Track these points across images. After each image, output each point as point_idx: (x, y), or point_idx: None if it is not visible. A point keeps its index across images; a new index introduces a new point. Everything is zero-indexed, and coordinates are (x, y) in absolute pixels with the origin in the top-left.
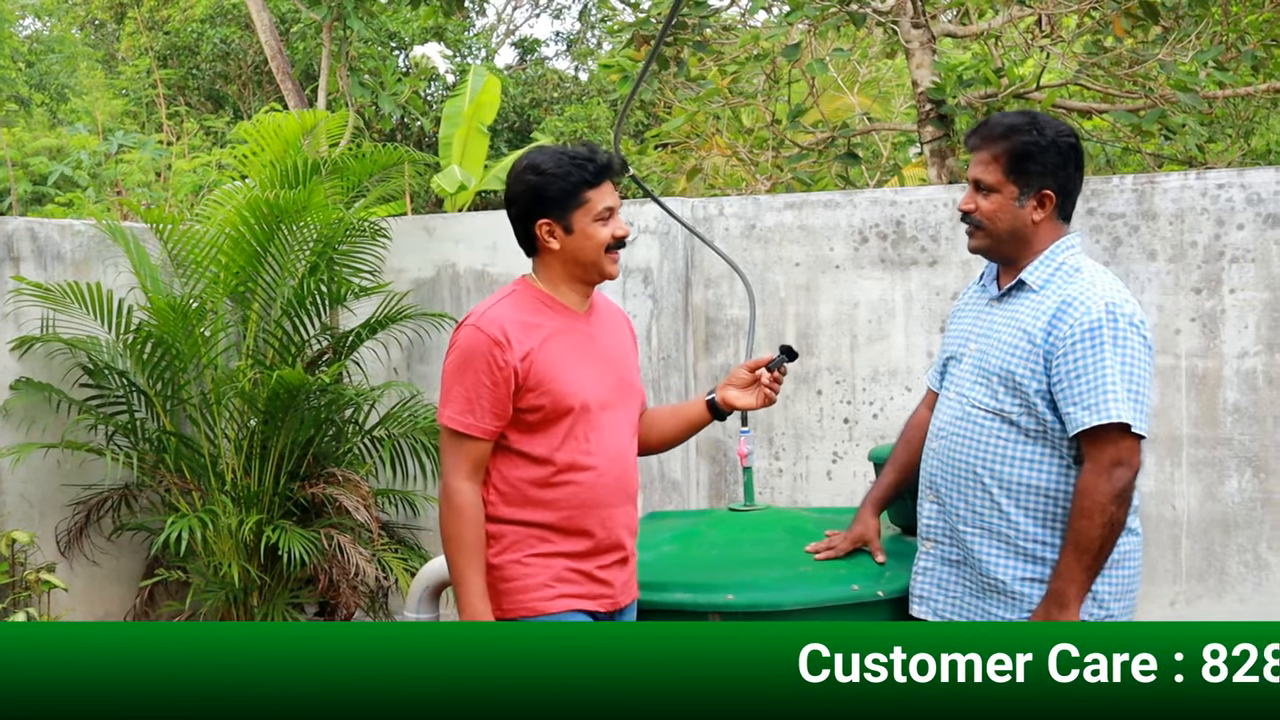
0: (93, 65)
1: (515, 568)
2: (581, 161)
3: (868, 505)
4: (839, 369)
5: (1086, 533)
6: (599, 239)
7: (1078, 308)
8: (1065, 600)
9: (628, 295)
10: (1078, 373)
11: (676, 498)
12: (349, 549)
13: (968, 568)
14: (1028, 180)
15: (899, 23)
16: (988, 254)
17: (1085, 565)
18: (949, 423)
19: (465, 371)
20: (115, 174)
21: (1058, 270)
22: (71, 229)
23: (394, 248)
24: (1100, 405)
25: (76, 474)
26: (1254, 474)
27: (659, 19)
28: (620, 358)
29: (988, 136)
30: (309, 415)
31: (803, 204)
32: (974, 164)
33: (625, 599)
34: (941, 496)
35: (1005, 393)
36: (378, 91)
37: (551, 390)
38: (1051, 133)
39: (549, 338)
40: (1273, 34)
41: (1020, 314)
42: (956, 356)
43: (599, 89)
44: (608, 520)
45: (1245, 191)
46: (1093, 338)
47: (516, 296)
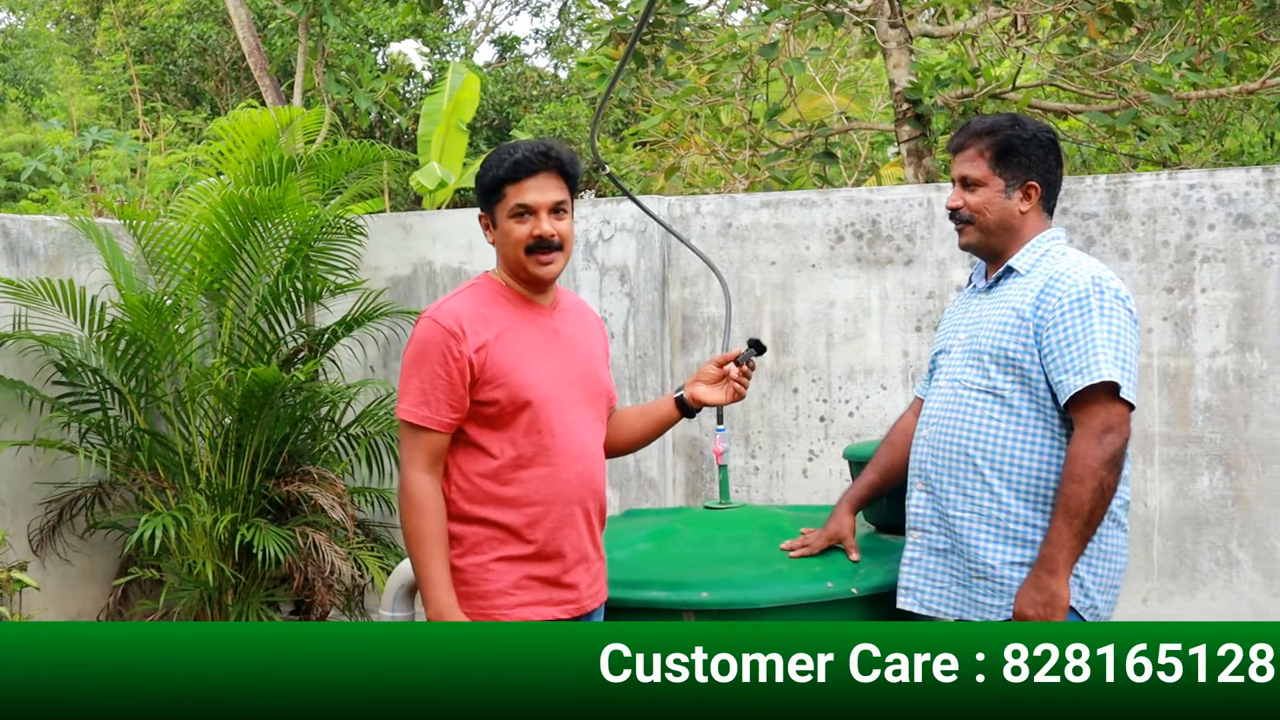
0: (68, 60)
1: (476, 571)
2: (507, 155)
3: (844, 503)
4: (815, 368)
5: (1077, 497)
6: (514, 237)
7: (1064, 281)
8: (1054, 566)
9: (604, 293)
10: (1067, 341)
11: (653, 495)
12: (324, 547)
13: (955, 556)
14: (1013, 173)
15: (876, 23)
16: (978, 249)
17: (1075, 530)
18: (939, 408)
19: (421, 364)
20: (90, 170)
21: (1045, 255)
22: (44, 225)
23: (370, 245)
24: (1089, 368)
25: (49, 472)
26: (1225, 472)
27: (637, 17)
28: (587, 354)
29: (972, 134)
30: (284, 413)
31: (779, 203)
32: (959, 163)
33: (592, 603)
34: (931, 483)
35: (997, 370)
36: (354, 88)
37: (508, 383)
38: (1033, 128)
39: (506, 330)
40: (1245, 36)
41: (1009, 296)
42: (946, 349)
43: (579, 87)
44: (570, 519)
45: (1216, 192)
46: (1080, 307)
47: (476, 290)
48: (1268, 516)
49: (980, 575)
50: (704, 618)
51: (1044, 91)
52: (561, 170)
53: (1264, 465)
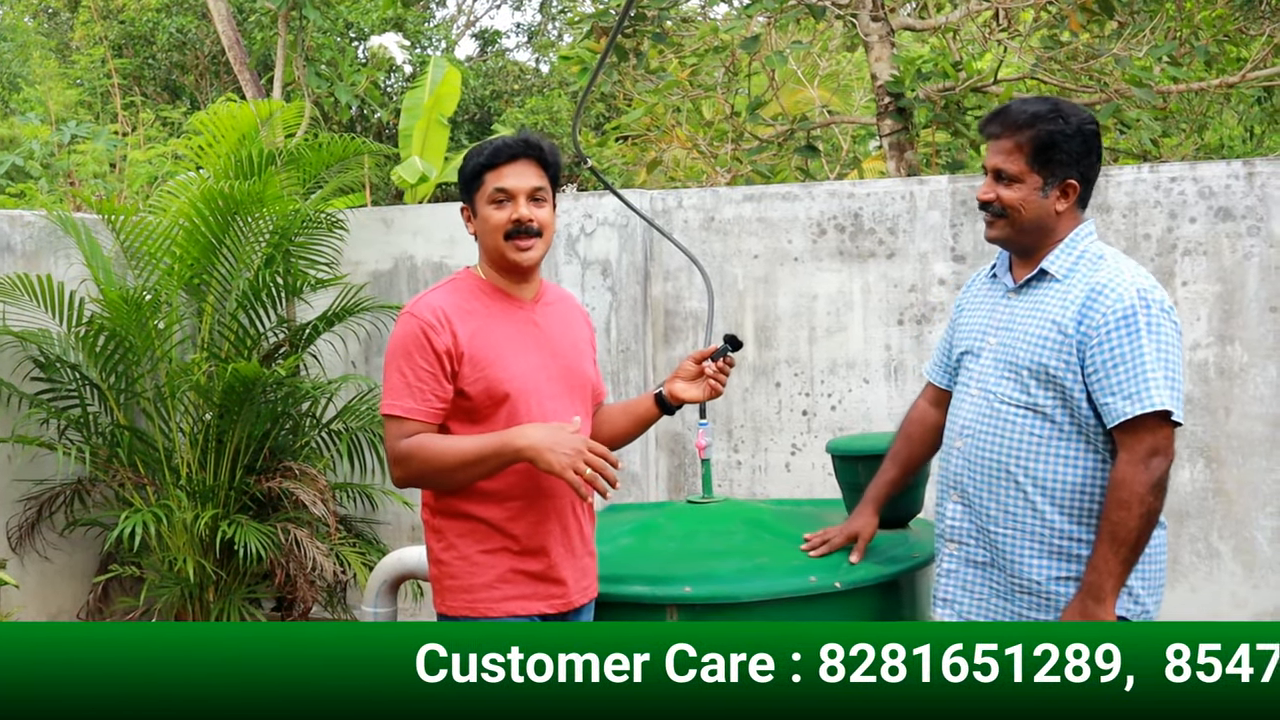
0: (46, 54)
1: (461, 565)
2: (486, 144)
3: (869, 503)
4: (797, 361)
5: (1124, 524)
6: (493, 222)
7: (1109, 295)
8: (1101, 594)
9: (587, 287)
10: (1114, 362)
11: (636, 490)
12: (306, 543)
13: (995, 569)
14: (1052, 170)
15: (858, 16)
16: (1007, 244)
17: (1122, 558)
18: (975, 420)
19: (402, 358)
20: (68, 164)
21: (1080, 258)
22: (22, 220)
23: (351, 240)
24: (1141, 394)
25: (28, 469)
26: (1206, 464)
27: (618, 10)
28: (570, 348)
29: (1010, 124)
30: (265, 409)
31: (761, 196)
32: (993, 152)
33: (581, 598)
34: (969, 496)
35: (1037, 386)
36: (335, 82)
37: (486, 375)
38: (1076, 121)
39: (485, 323)
40: (1225, 30)
41: (1046, 304)
42: (973, 351)
43: (560, 81)
44: (553, 513)
45: (1197, 185)
46: (1127, 325)
47: (456, 284)
48: (1248, 509)
49: (1024, 590)
50: (687, 612)
51: (1025, 85)
52: (540, 159)
53: (1244, 458)
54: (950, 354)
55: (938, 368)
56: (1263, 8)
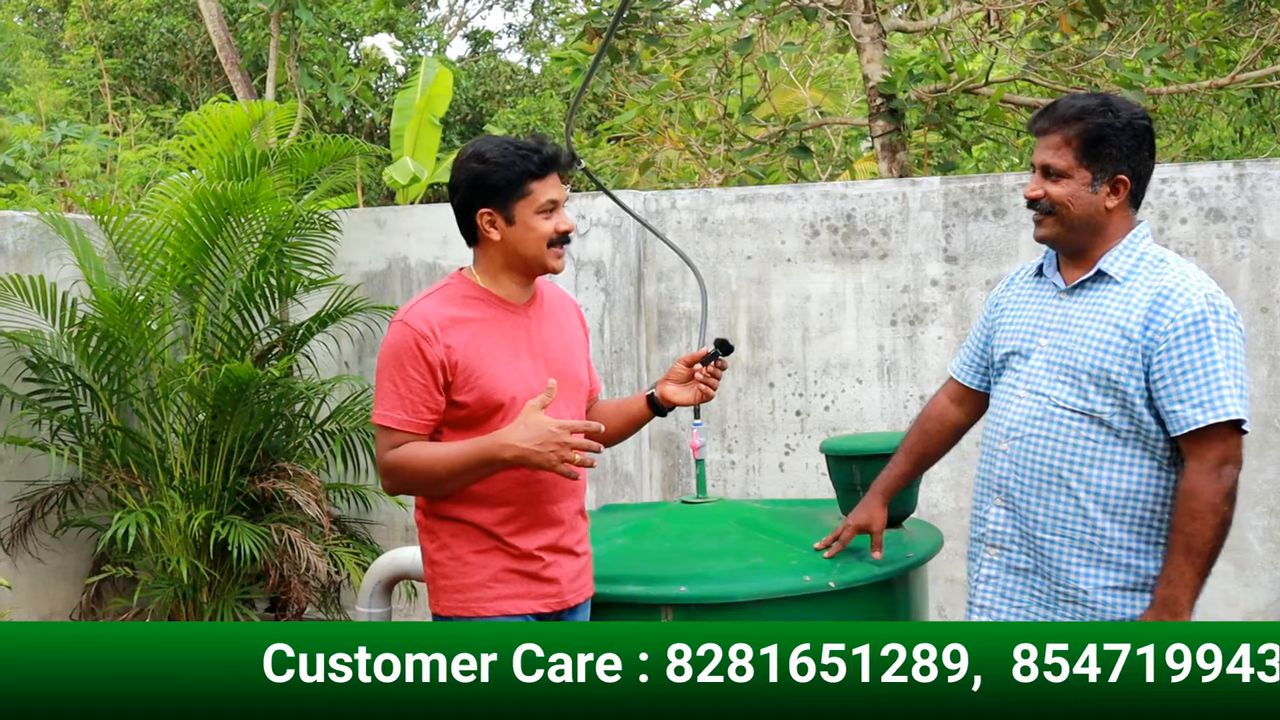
0: (36, 54)
1: (454, 565)
2: (527, 152)
3: (877, 494)
4: (790, 362)
5: (1200, 535)
6: (540, 232)
7: (1177, 300)
8: (1178, 608)
9: (580, 288)
10: (1184, 368)
11: (629, 490)
12: (300, 544)
13: (1039, 576)
14: (1102, 165)
15: (850, 17)
16: (1056, 242)
17: (1198, 569)
18: (1025, 422)
19: (394, 368)
20: (59, 165)
21: (1140, 260)
22: (13, 220)
23: (345, 240)
24: (1214, 402)
25: (20, 470)
26: None
27: (611, 11)
28: (562, 350)
29: (1059, 119)
30: (258, 409)
31: (754, 197)
32: (1041, 148)
33: (575, 597)
34: (1015, 501)
35: (1097, 392)
36: (327, 83)
37: (478, 385)
38: (1127, 115)
39: (478, 332)
40: (1215, 32)
41: (1106, 307)
42: (1021, 352)
43: (552, 81)
44: (546, 518)
45: (1188, 186)
46: (1198, 331)
47: (448, 290)
48: (1239, 508)
49: (1069, 599)
50: (682, 612)
51: (1016, 86)
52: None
53: None
54: (984, 353)
55: (967, 367)
56: (1252, 10)
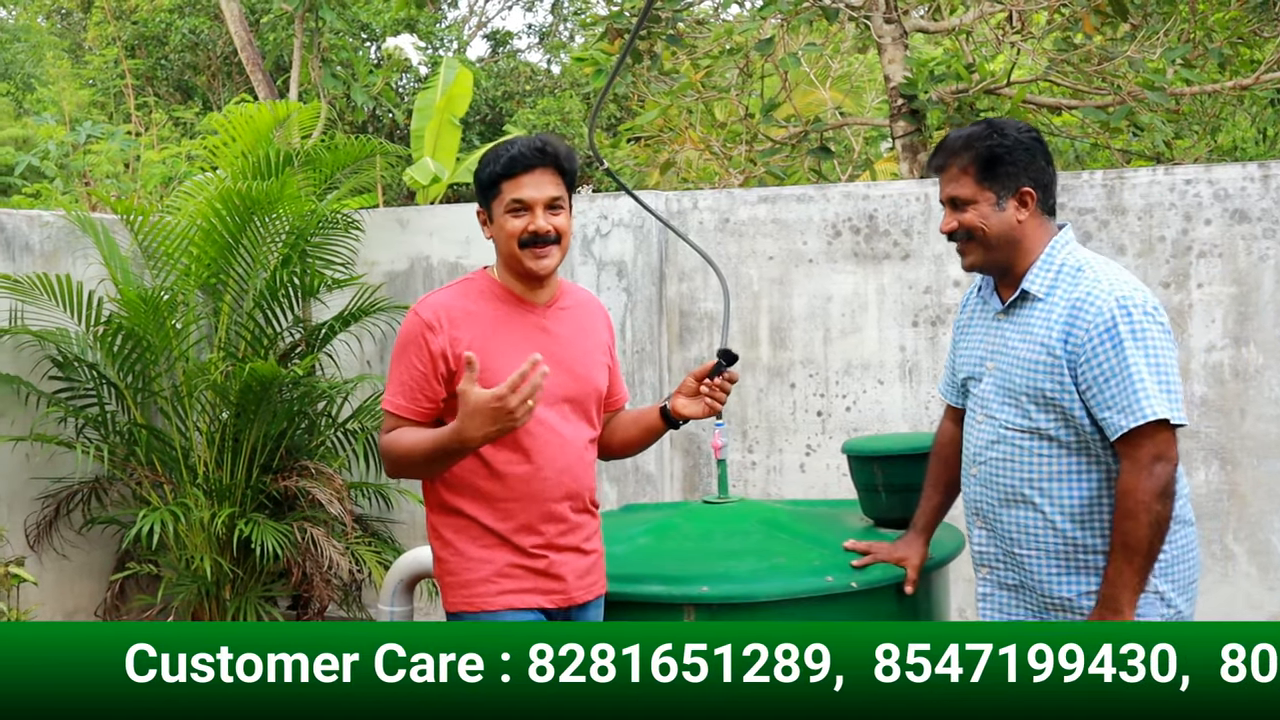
0: (59, 55)
1: (458, 562)
2: (502, 151)
3: (920, 532)
4: (812, 362)
5: (1134, 534)
6: (508, 230)
7: (1088, 310)
8: (1118, 605)
9: (602, 288)
10: (1105, 376)
11: (650, 490)
12: (322, 542)
13: (1026, 590)
14: (1002, 183)
15: (871, 18)
16: (984, 268)
17: (1136, 567)
18: (985, 447)
19: (400, 354)
20: (83, 165)
21: (1059, 274)
22: (40, 220)
23: (367, 240)
24: (1134, 406)
25: (46, 467)
26: (1220, 466)
27: (633, 12)
28: (580, 355)
29: (950, 152)
30: (281, 408)
31: (776, 198)
32: (943, 184)
33: (583, 595)
34: (990, 522)
35: (1038, 410)
36: (350, 83)
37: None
38: (1013, 132)
39: (488, 326)
40: (1239, 32)
41: (1033, 327)
42: (975, 376)
43: (571, 82)
44: (552, 516)
45: (1213, 187)
46: (1111, 338)
47: (466, 284)
48: (1263, 511)
49: (1057, 607)
50: (704, 612)
51: (1038, 87)
52: (558, 166)
53: (1259, 460)
54: (956, 376)
55: (950, 387)
56: (1277, 10)
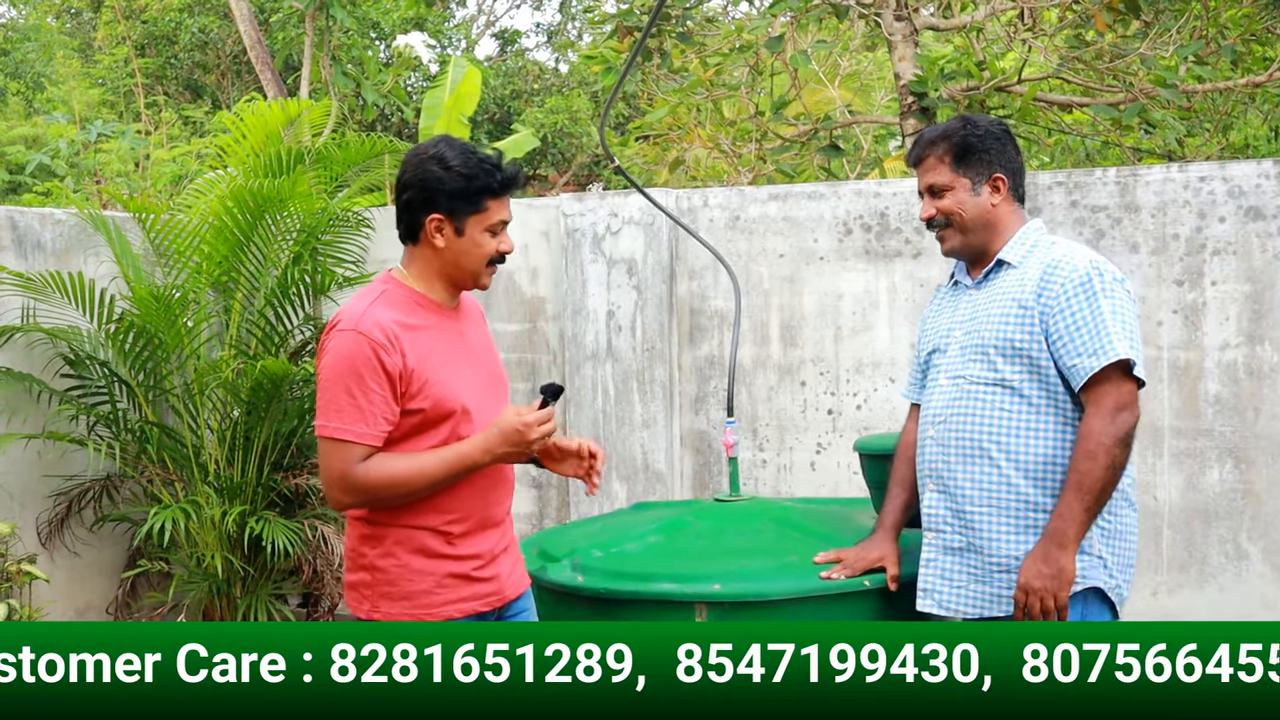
0: (69, 54)
1: (399, 572)
2: (490, 168)
3: (887, 530)
4: (823, 360)
5: (1090, 474)
6: (484, 249)
7: (1064, 267)
8: (1064, 540)
9: (612, 286)
10: (1076, 325)
11: (660, 488)
12: (333, 540)
13: (972, 553)
14: (977, 170)
15: (881, 15)
16: (963, 252)
17: (1086, 506)
18: (945, 405)
19: (351, 379)
20: (94, 163)
21: (1035, 247)
22: (52, 218)
23: (377, 238)
24: (1102, 349)
25: (58, 465)
26: (1234, 465)
27: (643, 10)
28: (487, 353)
29: (927, 144)
30: (292, 406)
31: (787, 195)
32: (921, 174)
33: (513, 592)
34: (944, 481)
35: (1005, 362)
36: (360, 81)
37: (432, 394)
38: (985, 124)
39: (426, 339)
40: (1252, 29)
41: (1008, 288)
42: (940, 348)
43: (580, 80)
44: (489, 520)
45: (1227, 184)
46: (1085, 291)
47: (388, 295)
48: (1277, 510)
49: (1002, 569)
50: (716, 610)
51: (1049, 85)
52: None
53: (1273, 458)
54: (920, 360)
55: (914, 386)
56: None
